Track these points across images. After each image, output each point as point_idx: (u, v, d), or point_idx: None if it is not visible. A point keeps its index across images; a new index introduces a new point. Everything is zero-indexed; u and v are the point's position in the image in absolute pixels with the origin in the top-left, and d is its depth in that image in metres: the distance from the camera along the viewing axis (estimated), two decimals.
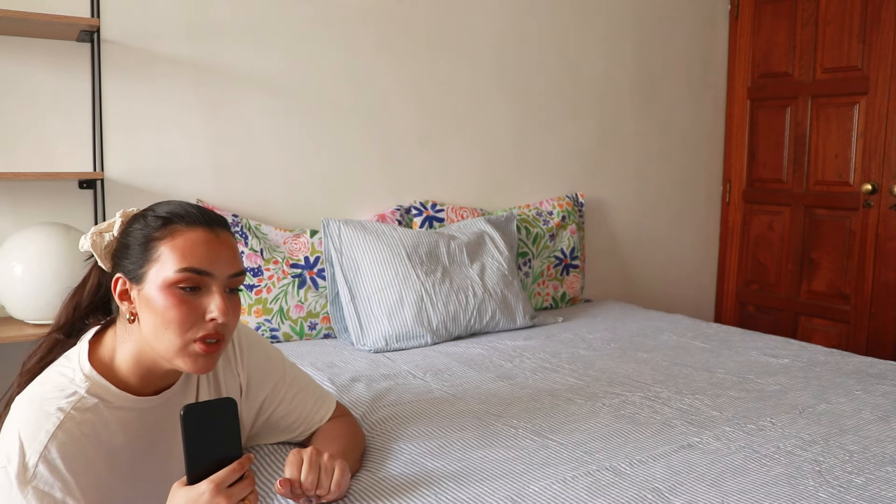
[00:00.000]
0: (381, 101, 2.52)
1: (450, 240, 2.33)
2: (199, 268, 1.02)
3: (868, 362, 1.92)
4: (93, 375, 1.04)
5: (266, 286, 2.14)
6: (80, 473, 0.97)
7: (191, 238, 1.03)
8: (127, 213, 1.11)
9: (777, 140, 3.20)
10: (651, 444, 1.36)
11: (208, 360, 1.04)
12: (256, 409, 1.29)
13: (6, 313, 1.98)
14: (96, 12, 2.05)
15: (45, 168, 2.05)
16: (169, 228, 1.03)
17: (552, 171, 2.90)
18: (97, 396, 1.03)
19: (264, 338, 1.32)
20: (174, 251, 1.02)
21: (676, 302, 3.29)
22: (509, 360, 1.94)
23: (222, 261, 1.04)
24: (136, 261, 1.04)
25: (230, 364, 1.25)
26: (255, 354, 1.28)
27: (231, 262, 1.06)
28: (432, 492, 1.16)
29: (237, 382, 1.25)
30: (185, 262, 1.01)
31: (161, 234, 1.03)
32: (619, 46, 3.02)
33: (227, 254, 1.06)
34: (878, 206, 2.85)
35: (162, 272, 1.01)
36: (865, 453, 1.31)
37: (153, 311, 1.01)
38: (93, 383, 1.03)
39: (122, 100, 2.12)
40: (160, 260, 1.02)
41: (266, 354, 1.30)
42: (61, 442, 0.96)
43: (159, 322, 1.01)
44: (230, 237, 1.09)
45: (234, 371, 1.25)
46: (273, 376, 1.29)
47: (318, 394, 1.35)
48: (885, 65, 2.79)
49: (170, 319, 1.00)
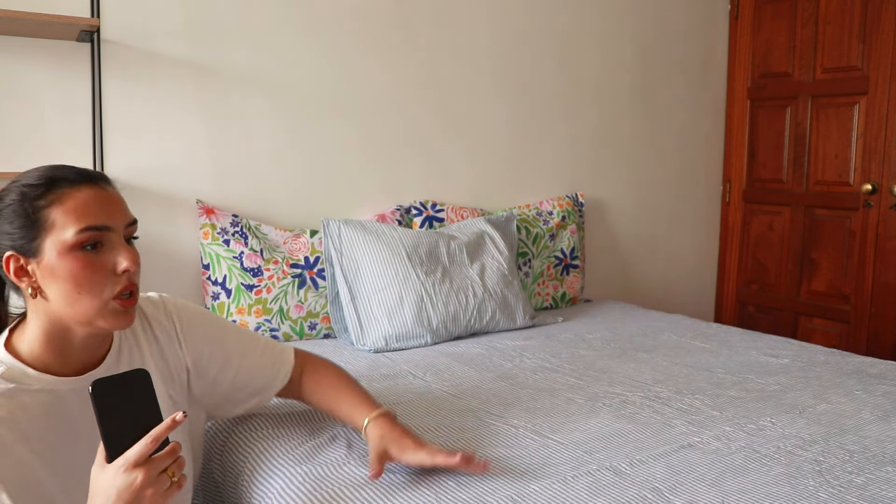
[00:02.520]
0: (381, 101, 2.52)
1: (450, 240, 2.33)
2: (98, 224, 1.00)
3: (868, 362, 1.92)
4: (7, 359, 1.02)
5: (266, 286, 2.14)
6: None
7: (80, 197, 1.01)
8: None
9: (777, 140, 3.20)
10: (651, 444, 1.36)
11: (129, 314, 1.04)
12: (209, 382, 1.28)
13: None
14: (96, 12, 2.04)
15: None
16: (54, 193, 1.00)
17: (552, 171, 2.90)
18: (13, 381, 1.01)
19: (203, 309, 1.31)
20: (67, 214, 0.99)
21: (676, 302, 3.29)
22: (509, 360, 1.94)
23: (117, 213, 1.04)
24: (24, 234, 1.00)
25: (174, 344, 1.23)
26: (196, 331, 1.26)
27: (125, 211, 1.06)
28: (432, 492, 1.16)
29: (182, 363, 1.24)
30: (82, 222, 0.99)
31: (47, 201, 1.00)
32: (618, 46, 3.02)
33: (120, 205, 1.05)
34: (878, 206, 2.85)
35: (59, 238, 0.99)
36: (865, 453, 1.31)
37: (61, 279, 0.99)
38: (7, 367, 1.02)
39: (122, 100, 2.12)
40: (54, 226, 0.99)
41: (208, 328, 1.28)
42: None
43: (70, 288, 0.99)
44: (114, 188, 1.08)
45: (181, 353, 1.23)
46: (220, 352, 1.28)
47: (275, 353, 1.35)
48: (885, 65, 2.80)
49: (81, 283, 0.99)
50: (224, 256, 2.13)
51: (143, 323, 1.21)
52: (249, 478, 1.30)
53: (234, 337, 1.32)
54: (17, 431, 0.99)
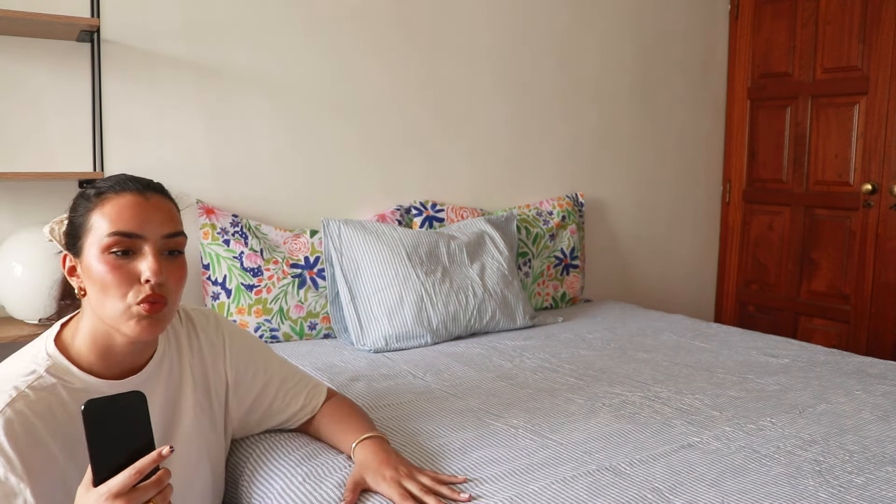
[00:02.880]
0: (381, 101, 2.52)
1: (450, 240, 2.33)
2: (128, 230, 1.02)
3: (868, 362, 1.92)
4: (55, 355, 1.05)
5: (266, 286, 2.13)
6: (25, 452, 0.96)
7: (119, 203, 1.04)
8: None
9: (777, 140, 3.20)
10: (651, 444, 1.36)
11: (152, 322, 1.03)
12: (247, 406, 1.30)
13: (6, 313, 1.98)
14: (96, 12, 2.04)
15: (45, 168, 2.05)
16: (100, 198, 1.04)
17: (552, 171, 2.90)
18: (56, 377, 1.03)
19: (251, 333, 1.34)
20: (104, 217, 1.03)
21: (676, 302, 3.29)
22: (509, 360, 1.94)
23: (153, 222, 1.04)
24: (73, 235, 1.06)
25: (219, 360, 1.26)
26: (243, 352, 1.29)
27: (164, 223, 1.06)
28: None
29: (223, 379, 1.26)
30: (113, 226, 1.02)
31: (93, 205, 1.04)
32: (618, 46, 3.02)
33: (159, 216, 1.06)
34: (878, 206, 2.85)
35: (95, 240, 1.02)
36: (865, 453, 1.31)
37: (93, 280, 1.02)
38: (54, 363, 1.04)
39: (122, 100, 2.12)
40: (93, 229, 1.03)
41: (255, 352, 1.32)
42: (8, 419, 0.96)
43: (99, 289, 1.02)
44: (163, 200, 1.09)
45: (223, 366, 1.26)
46: (262, 375, 1.31)
47: (309, 386, 1.37)
48: (885, 65, 2.79)
49: (108, 285, 1.01)
50: (224, 256, 2.13)
51: (189, 332, 1.23)
52: (250, 478, 1.30)
53: (276, 363, 1.35)
54: (52, 427, 1.00)
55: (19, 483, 0.95)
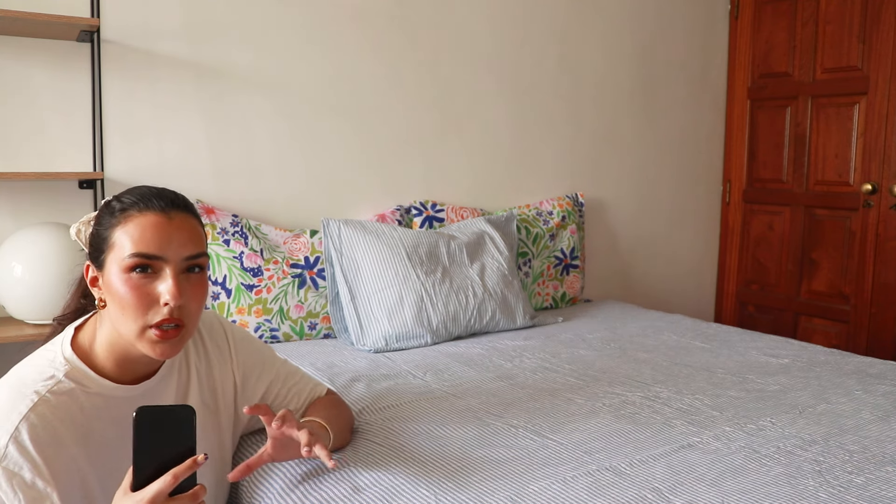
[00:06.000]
0: (381, 101, 2.52)
1: (450, 240, 2.33)
2: (149, 252, 1.02)
3: (868, 362, 1.92)
4: (73, 360, 1.05)
5: (266, 286, 2.13)
6: (50, 456, 0.97)
7: (142, 223, 1.03)
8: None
9: (777, 140, 3.20)
10: (651, 444, 1.36)
11: (166, 346, 1.04)
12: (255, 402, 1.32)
13: (6, 313, 1.98)
14: (96, 12, 2.04)
15: (45, 168, 2.05)
16: (124, 214, 1.04)
17: (552, 171, 2.90)
18: (75, 381, 1.04)
19: (253, 334, 1.35)
20: (126, 236, 1.03)
21: (676, 302, 3.29)
22: (509, 360, 1.94)
23: (175, 243, 1.04)
24: (97, 247, 1.06)
25: (226, 363, 1.27)
26: (248, 353, 1.31)
27: (185, 244, 1.05)
28: (432, 492, 1.16)
29: (232, 380, 1.28)
30: (135, 247, 1.02)
31: (117, 221, 1.04)
32: (619, 46, 3.02)
33: (181, 236, 1.05)
34: (878, 206, 2.85)
35: (117, 258, 1.03)
36: (865, 453, 1.31)
37: (112, 297, 1.03)
38: (72, 367, 1.05)
39: (122, 100, 2.12)
40: (115, 246, 1.03)
41: (260, 352, 1.34)
42: (32, 424, 0.97)
43: (118, 307, 1.02)
44: (187, 219, 1.08)
45: (230, 368, 1.28)
46: (268, 374, 1.33)
47: (310, 385, 1.40)
48: (885, 65, 2.79)
49: (126, 304, 1.01)
50: (224, 256, 2.13)
51: (195, 336, 1.25)
52: (250, 478, 1.30)
53: (279, 363, 1.37)
54: (74, 431, 1.01)
55: (46, 487, 0.96)
